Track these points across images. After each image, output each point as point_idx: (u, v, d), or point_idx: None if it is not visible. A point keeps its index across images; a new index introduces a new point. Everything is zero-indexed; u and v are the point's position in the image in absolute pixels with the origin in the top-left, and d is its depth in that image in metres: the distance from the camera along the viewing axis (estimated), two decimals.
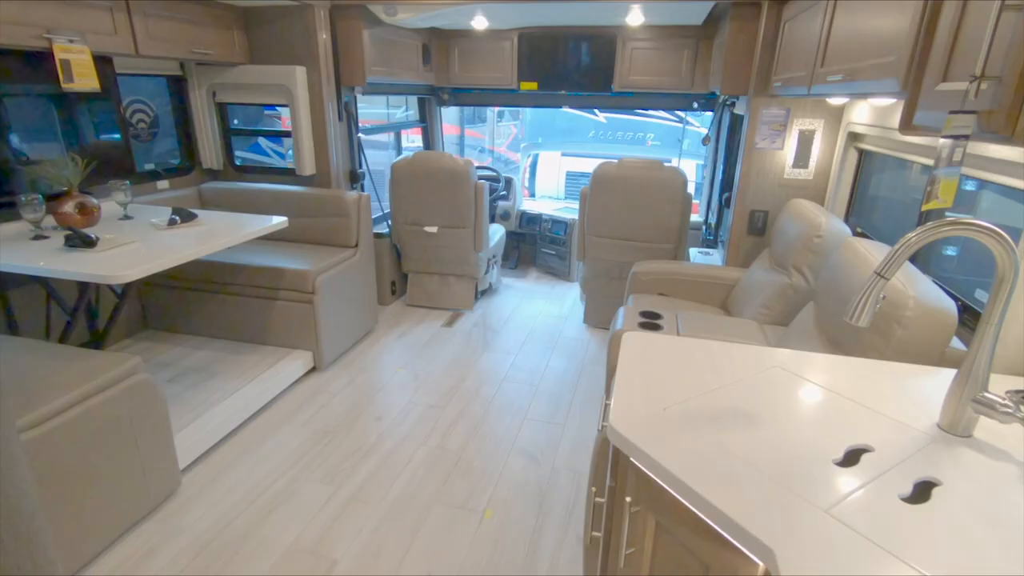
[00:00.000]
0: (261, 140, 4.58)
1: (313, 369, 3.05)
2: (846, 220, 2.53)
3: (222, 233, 2.44)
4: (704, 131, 6.46)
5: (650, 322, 2.24)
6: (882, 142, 2.16)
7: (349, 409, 2.73)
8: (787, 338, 1.91)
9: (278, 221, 2.64)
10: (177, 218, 2.51)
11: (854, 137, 2.48)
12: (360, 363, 3.18)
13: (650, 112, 6.64)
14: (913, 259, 1.78)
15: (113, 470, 1.85)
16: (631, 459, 1.02)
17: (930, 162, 1.77)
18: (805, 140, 2.64)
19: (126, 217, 2.63)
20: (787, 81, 2.20)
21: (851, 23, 1.59)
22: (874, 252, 1.61)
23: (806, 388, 1.19)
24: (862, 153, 2.49)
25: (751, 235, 2.88)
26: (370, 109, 7.28)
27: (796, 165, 2.69)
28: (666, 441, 0.99)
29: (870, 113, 2.23)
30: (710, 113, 4.42)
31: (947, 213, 1.66)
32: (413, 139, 5.84)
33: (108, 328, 2.81)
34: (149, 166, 3.23)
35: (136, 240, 2.28)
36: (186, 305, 3.11)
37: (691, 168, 5.65)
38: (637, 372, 1.23)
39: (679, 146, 6.24)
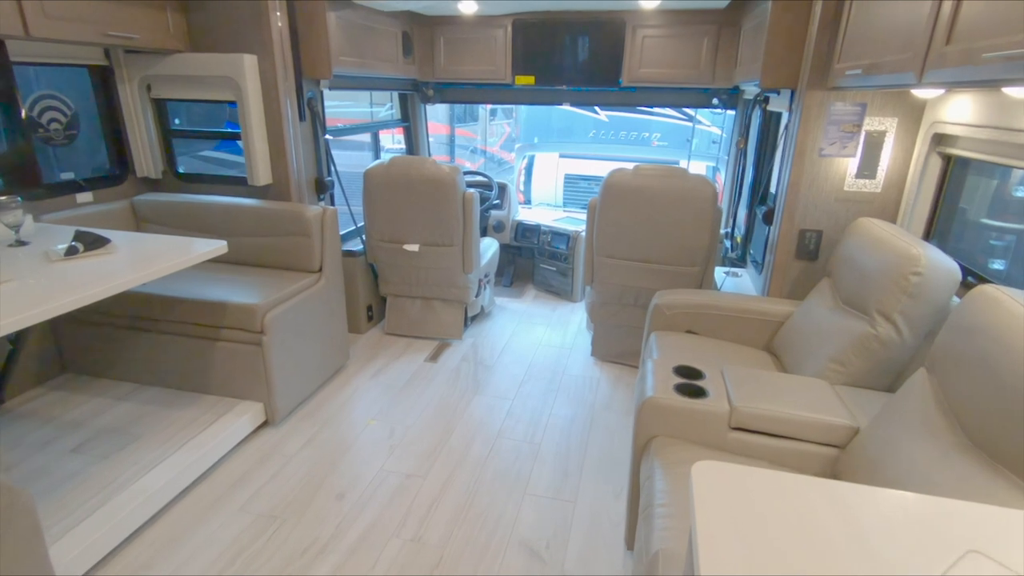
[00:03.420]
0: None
1: (265, 423, 2.50)
2: None
3: (137, 264, 1.89)
4: (716, 130, 5.96)
5: (689, 384, 1.71)
6: (998, 148, 1.64)
7: (305, 481, 2.18)
8: (891, 426, 1.38)
9: (213, 247, 2.10)
10: (79, 245, 1.96)
11: (940, 140, 1.97)
12: (325, 413, 2.63)
13: (656, 110, 6.11)
14: None
15: None
16: None
17: None
18: (873, 144, 2.12)
19: (19, 243, 2.07)
20: (870, 68, 1.67)
21: None
22: None
23: None
24: (949, 161, 1.98)
25: (800, 260, 2.36)
26: (354, 108, 6.72)
27: (861, 175, 2.17)
28: None
29: (976, 109, 1.71)
30: (728, 111, 3.90)
31: None
32: (399, 139, 5.28)
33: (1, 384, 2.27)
34: (67, 175, 2.67)
35: (13, 278, 1.73)
36: (112, 345, 2.55)
37: (700, 171, 5.14)
38: (733, 555, 0.71)
39: (688, 146, 5.74)
